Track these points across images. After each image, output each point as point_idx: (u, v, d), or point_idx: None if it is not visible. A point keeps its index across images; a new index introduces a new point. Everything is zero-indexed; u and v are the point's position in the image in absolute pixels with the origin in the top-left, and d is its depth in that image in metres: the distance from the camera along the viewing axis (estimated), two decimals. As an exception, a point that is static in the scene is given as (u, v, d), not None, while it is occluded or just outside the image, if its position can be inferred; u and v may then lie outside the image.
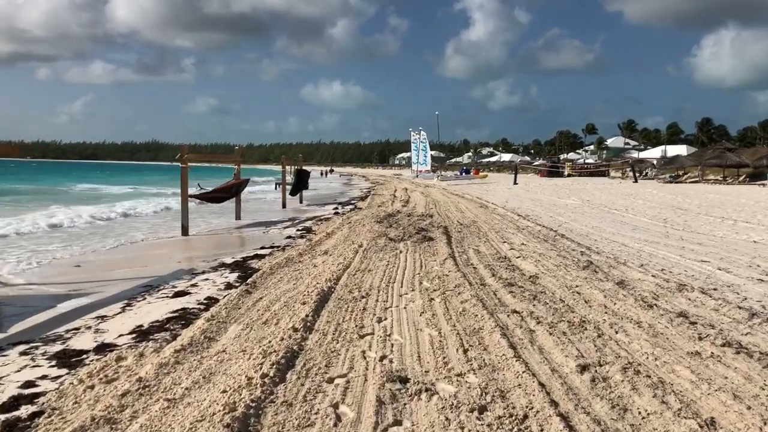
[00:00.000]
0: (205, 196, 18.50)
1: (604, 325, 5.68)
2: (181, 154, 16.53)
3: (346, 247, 10.90)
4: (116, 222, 19.72)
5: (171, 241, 14.96)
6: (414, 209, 21.15)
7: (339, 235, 13.28)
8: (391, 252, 10.33)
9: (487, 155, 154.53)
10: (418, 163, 69.06)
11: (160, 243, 14.71)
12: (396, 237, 12.09)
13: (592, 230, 14.72)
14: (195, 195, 18.16)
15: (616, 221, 16.98)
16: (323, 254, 10.39)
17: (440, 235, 12.56)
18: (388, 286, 7.50)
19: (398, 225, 14.66)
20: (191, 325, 6.03)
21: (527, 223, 16.24)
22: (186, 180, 16.67)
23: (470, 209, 21.42)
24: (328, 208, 26.27)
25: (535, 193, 32.57)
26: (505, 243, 11.98)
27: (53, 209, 22.24)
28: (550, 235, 13.41)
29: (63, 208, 22.49)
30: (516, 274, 8.43)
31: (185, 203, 16.52)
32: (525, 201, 26.25)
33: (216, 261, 10.96)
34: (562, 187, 39.41)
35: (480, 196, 29.76)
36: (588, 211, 20.59)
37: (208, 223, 19.29)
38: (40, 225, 17.15)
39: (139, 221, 20.15)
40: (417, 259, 9.66)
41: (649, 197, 27.81)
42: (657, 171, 60.68)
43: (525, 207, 22.46)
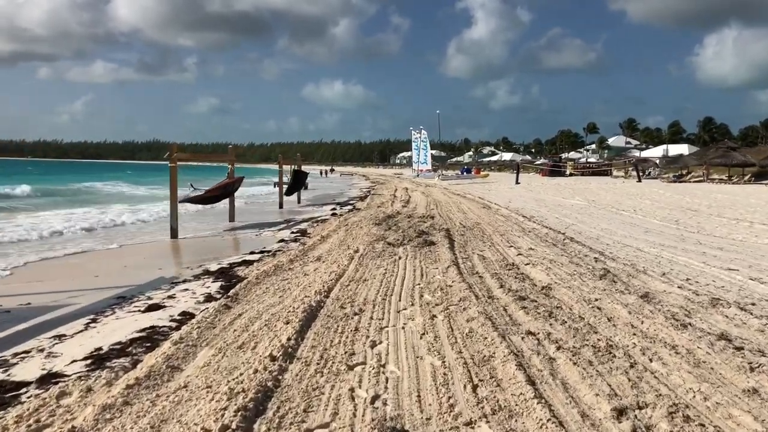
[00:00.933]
0: (196, 198, 17.64)
1: (635, 350, 4.87)
2: (169, 152, 15.72)
3: (341, 253, 10.10)
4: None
5: (158, 245, 14.16)
6: (414, 210, 20.34)
7: (334, 238, 12.48)
8: (390, 258, 9.52)
9: (488, 154, 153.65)
10: (419, 162, 68.30)
11: (146, 246, 13.92)
12: (395, 241, 11.28)
13: (602, 233, 13.92)
14: (185, 199, 17.33)
15: (626, 223, 16.17)
16: (316, 261, 9.59)
17: (442, 239, 11.75)
18: (385, 299, 6.69)
19: (398, 227, 13.85)
20: (156, 348, 5.23)
21: (533, 225, 15.44)
22: (175, 180, 15.87)
23: (473, 210, 20.62)
24: (326, 208, 25.47)
25: (539, 193, 31.75)
26: (511, 248, 11.17)
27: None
28: (559, 239, 12.60)
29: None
30: (526, 284, 7.62)
31: (174, 204, 15.72)
32: (529, 201, 25.44)
33: (200, 268, 10.15)
34: (565, 186, 38.59)
35: (482, 196, 28.96)
36: (595, 212, 19.78)
37: (201, 225, 18.52)
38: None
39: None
40: (417, 266, 8.85)
41: (656, 197, 26.99)
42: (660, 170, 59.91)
43: (529, 207, 21.66)
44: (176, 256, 12.25)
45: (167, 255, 12.41)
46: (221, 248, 13.09)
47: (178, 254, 12.61)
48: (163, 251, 13.02)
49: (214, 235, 15.91)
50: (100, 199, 31.64)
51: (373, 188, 45.29)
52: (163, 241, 14.64)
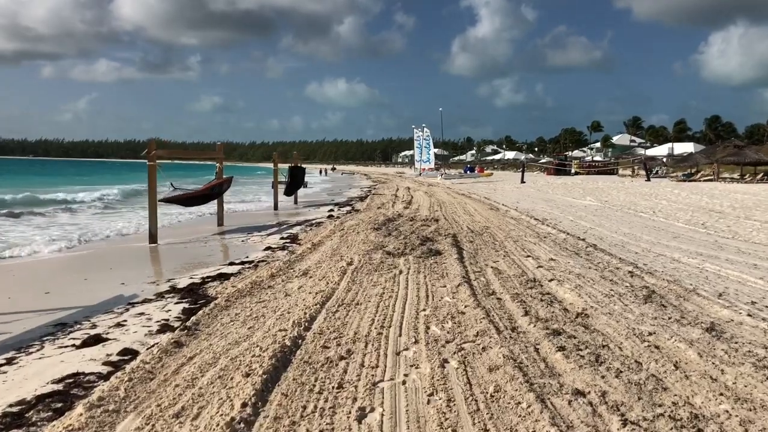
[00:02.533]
0: (178, 198, 16.13)
1: (732, 422, 3.44)
2: (148, 149, 14.29)
3: (332, 265, 8.67)
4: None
5: (131, 252, 12.74)
6: (417, 212, 18.90)
7: (327, 246, 11.05)
8: (389, 272, 8.08)
9: (490, 153, 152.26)
10: (422, 161, 66.91)
11: (118, 252, 12.52)
12: (395, 250, 9.84)
13: (625, 239, 12.49)
14: (166, 198, 15.86)
15: (649, 227, 14.72)
16: (302, 276, 8.15)
17: (449, 247, 10.32)
18: (381, 333, 5.26)
19: (399, 233, 12.41)
20: (65, 415, 3.80)
21: (548, 230, 14.00)
22: (154, 179, 14.44)
23: (480, 212, 19.17)
24: (323, 209, 24.03)
25: (547, 193, 30.28)
26: (528, 257, 9.74)
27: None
28: (580, 246, 11.17)
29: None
30: (556, 309, 6.18)
31: (153, 206, 14.29)
32: (538, 202, 23.98)
33: (168, 283, 8.72)
34: (573, 185, 37.12)
35: (488, 197, 27.53)
36: (611, 213, 18.33)
37: (186, 229, 17.13)
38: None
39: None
40: (421, 283, 7.42)
41: (672, 197, 25.50)
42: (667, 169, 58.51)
43: (540, 209, 20.22)
44: (146, 266, 10.82)
45: (137, 264, 10.98)
46: (200, 257, 11.65)
47: (149, 264, 11.18)
48: (134, 259, 11.60)
49: (197, 240, 14.47)
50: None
51: (374, 188, 43.83)
52: (139, 247, 13.21)
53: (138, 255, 12.17)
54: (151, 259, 11.67)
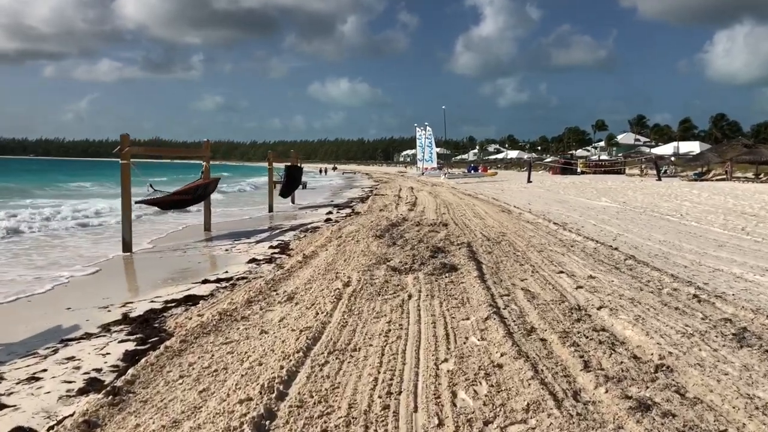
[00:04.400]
0: (159, 201, 14.45)
1: None
2: (121, 144, 12.65)
3: (326, 286, 7.03)
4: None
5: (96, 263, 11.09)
6: (423, 215, 17.26)
7: (321, 258, 9.40)
8: (395, 297, 6.44)
9: (493, 152, 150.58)
10: (424, 160, 65.38)
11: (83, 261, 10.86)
12: (402, 265, 8.20)
13: (664, 248, 10.86)
14: (144, 201, 14.20)
15: (683, 233, 13.08)
16: (286, 301, 6.50)
17: (465, 261, 8.68)
18: (388, 408, 3.61)
19: (404, 241, 10.76)
20: None
21: (571, 236, 12.36)
22: (128, 180, 12.80)
23: (491, 214, 17.53)
24: (321, 212, 22.38)
25: (558, 193, 28.61)
26: (562, 273, 8.11)
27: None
28: (617, 258, 9.54)
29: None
30: (625, 358, 4.54)
31: (127, 210, 12.67)
32: (551, 203, 22.31)
33: (124, 308, 7.08)
34: (583, 185, 35.44)
35: (496, 197, 25.87)
36: (635, 217, 16.68)
37: (169, 234, 15.50)
38: None
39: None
40: (437, 314, 5.78)
41: (692, 198, 23.80)
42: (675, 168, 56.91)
43: (555, 211, 18.56)
44: (107, 283, 9.12)
45: (96, 280, 9.30)
46: (173, 270, 10.01)
47: (111, 279, 9.49)
48: (95, 274, 9.92)
49: (177, 248, 12.83)
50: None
51: (376, 188, 42.17)
52: (108, 257, 11.57)
53: (104, 267, 10.52)
54: (115, 273, 10.00)
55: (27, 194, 31.45)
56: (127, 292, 8.07)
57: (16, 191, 34.05)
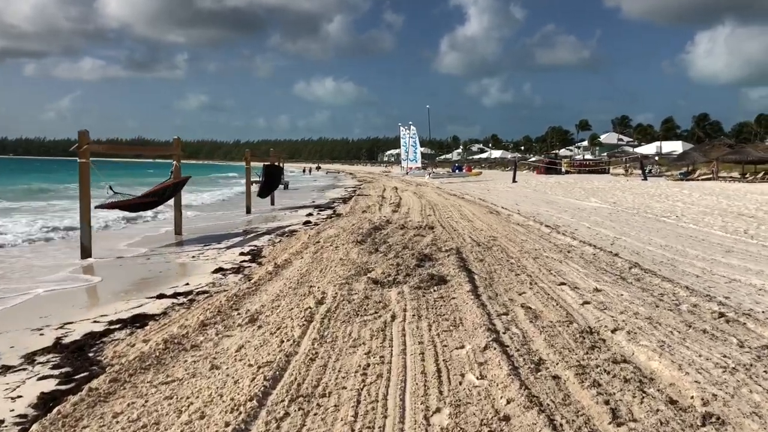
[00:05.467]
0: (122, 204, 13.36)
1: None
2: (78, 142, 11.59)
3: (296, 304, 6.07)
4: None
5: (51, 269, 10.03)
6: (408, 217, 16.34)
7: (294, 268, 8.43)
8: (376, 318, 5.51)
9: (477, 152, 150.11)
10: (408, 159, 64.50)
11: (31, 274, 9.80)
12: (385, 276, 7.26)
13: (668, 253, 10.03)
14: (105, 205, 13.09)
15: (683, 236, 12.27)
16: (247, 324, 5.53)
17: (455, 270, 7.77)
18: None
19: (388, 247, 9.84)
20: None
21: (567, 240, 11.51)
22: (87, 181, 11.75)
23: (479, 216, 16.64)
24: (302, 213, 21.37)
25: (545, 193, 27.82)
26: (563, 285, 7.23)
27: None
28: (620, 266, 8.68)
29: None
30: (659, 402, 3.64)
31: (86, 213, 11.62)
32: (539, 204, 21.47)
33: (60, 330, 6.06)
34: (569, 185, 34.74)
35: (483, 197, 25.02)
36: (629, 218, 15.87)
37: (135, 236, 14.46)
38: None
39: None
40: (426, 341, 4.86)
41: (685, 198, 23.11)
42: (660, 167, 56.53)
43: (544, 212, 17.72)
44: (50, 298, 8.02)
45: (42, 294, 8.24)
46: (130, 281, 9.00)
47: (57, 293, 8.37)
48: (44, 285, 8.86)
49: (141, 254, 11.80)
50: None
51: (360, 187, 41.19)
52: (61, 265, 10.53)
53: (56, 277, 9.46)
54: (65, 284, 8.91)
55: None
56: (70, 309, 7.05)
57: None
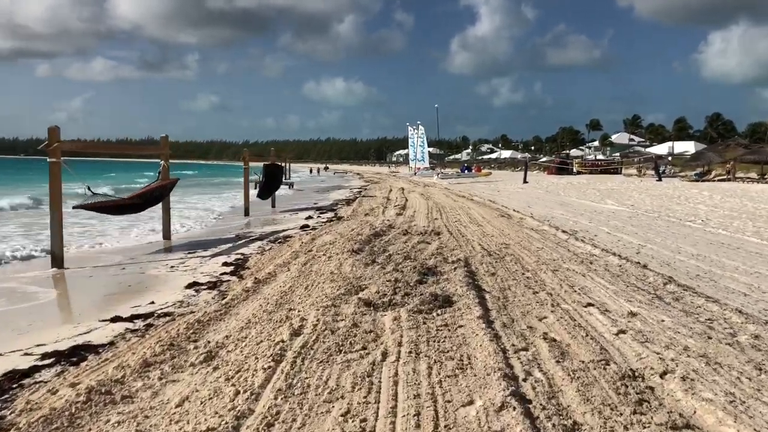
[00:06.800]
0: (103, 205, 12.28)
1: None
2: (49, 140, 10.54)
3: (266, 335, 4.96)
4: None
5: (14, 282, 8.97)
6: (413, 220, 15.22)
7: (277, 284, 7.31)
8: (362, 357, 4.41)
9: (486, 152, 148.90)
10: (416, 159, 63.43)
11: None
12: (379, 296, 6.14)
13: (702, 264, 8.90)
14: (84, 205, 12.04)
15: (714, 243, 11.12)
16: (202, 363, 4.42)
17: (463, 288, 6.64)
18: None
19: (387, 258, 8.72)
20: None
21: (587, 248, 10.37)
22: (57, 182, 10.70)
23: (489, 220, 15.49)
24: (301, 216, 20.26)
25: (557, 195, 26.62)
26: (591, 307, 6.10)
27: None
28: (653, 281, 7.55)
29: None
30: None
31: (57, 218, 10.57)
32: (552, 206, 20.27)
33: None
34: (582, 186, 33.52)
35: (493, 199, 23.84)
36: (651, 223, 14.70)
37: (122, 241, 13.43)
38: None
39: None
40: (424, 393, 3.74)
41: (706, 200, 21.88)
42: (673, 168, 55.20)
43: (559, 216, 16.56)
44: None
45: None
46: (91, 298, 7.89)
47: (7, 312, 7.28)
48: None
49: (118, 263, 10.73)
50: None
51: (366, 188, 40.06)
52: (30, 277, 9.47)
53: (12, 292, 8.38)
54: (18, 301, 7.80)
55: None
56: (7, 333, 5.96)
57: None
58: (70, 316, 6.87)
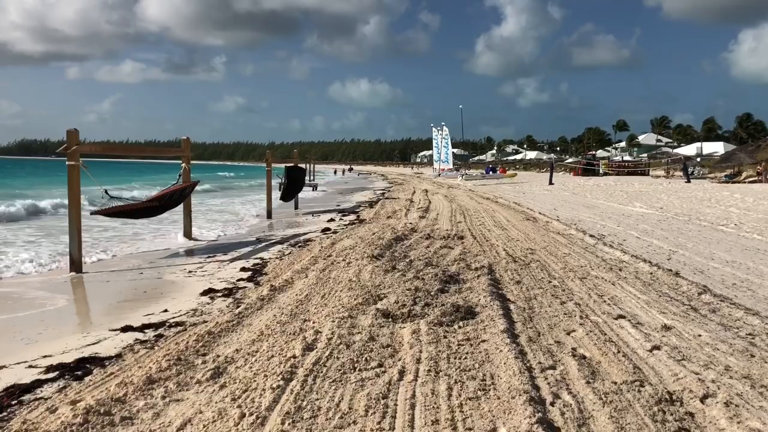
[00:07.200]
0: (121, 210, 12.16)
1: None
2: (68, 142, 10.43)
3: (278, 350, 4.72)
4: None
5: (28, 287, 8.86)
6: (436, 224, 14.93)
7: (293, 292, 7.08)
8: (377, 375, 4.14)
9: (511, 153, 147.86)
10: (440, 161, 63.07)
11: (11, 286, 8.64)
12: (398, 306, 5.87)
13: (738, 272, 8.50)
14: (102, 211, 11.93)
15: (750, 249, 10.67)
16: (209, 380, 4.18)
17: (486, 298, 6.34)
18: None
19: (408, 264, 8.45)
20: None
21: (616, 254, 9.98)
22: (76, 185, 10.59)
23: (514, 224, 15.13)
24: (323, 218, 20.07)
25: (584, 197, 26.08)
26: (622, 319, 5.77)
27: None
28: (686, 291, 7.17)
29: None
30: None
31: (76, 222, 10.47)
32: (579, 208, 19.82)
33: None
34: (609, 187, 32.88)
35: (518, 201, 23.41)
36: (681, 226, 14.21)
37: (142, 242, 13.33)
38: None
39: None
40: (443, 416, 3.46)
41: (738, 203, 21.21)
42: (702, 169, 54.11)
43: (586, 219, 16.13)
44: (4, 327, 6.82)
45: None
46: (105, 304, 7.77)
47: (18, 319, 7.13)
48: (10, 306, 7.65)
49: (136, 267, 10.60)
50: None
51: (389, 190, 39.84)
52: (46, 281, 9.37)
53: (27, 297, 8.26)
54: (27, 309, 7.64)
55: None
56: (15, 343, 5.79)
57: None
58: (80, 324, 6.70)
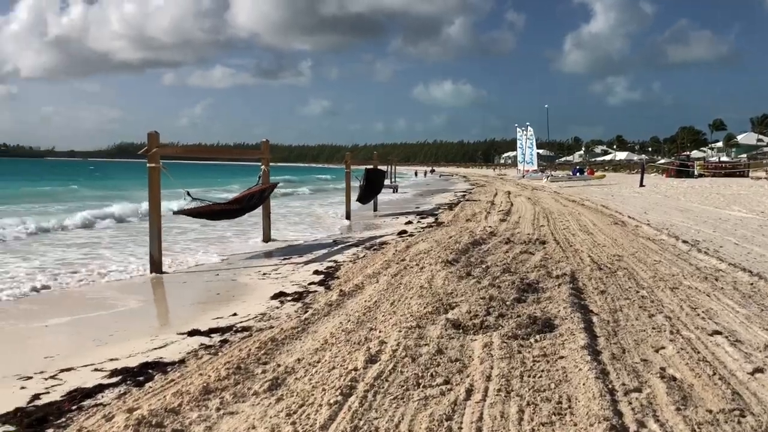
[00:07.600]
0: (202, 211, 12.33)
1: None
2: (149, 144, 10.64)
3: (340, 361, 4.50)
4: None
5: (114, 287, 9.07)
6: (517, 227, 14.43)
7: (362, 298, 6.86)
8: (442, 393, 3.84)
9: (600, 153, 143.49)
10: (525, 162, 61.86)
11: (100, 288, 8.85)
12: (470, 317, 5.54)
13: None
14: (184, 211, 12.16)
15: None
16: (266, 392, 3.99)
17: (568, 309, 5.92)
18: None
19: (484, 270, 8.08)
20: None
21: (711, 262, 9.25)
22: (157, 186, 10.79)
23: (601, 228, 14.43)
24: (401, 220, 19.86)
25: (677, 200, 24.74)
26: (718, 336, 5.24)
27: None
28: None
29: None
30: None
31: (156, 223, 10.67)
32: (671, 212, 18.75)
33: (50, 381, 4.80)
34: (704, 190, 31.12)
35: (606, 204, 22.44)
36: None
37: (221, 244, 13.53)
38: None
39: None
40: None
41: None
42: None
43: (679, 223, 15.18)
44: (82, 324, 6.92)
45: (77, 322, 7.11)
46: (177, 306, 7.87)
47: (96, 318, 7.24)
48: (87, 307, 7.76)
49: (214, 268, 10.72)
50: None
51: (470, 192, 39.28)
52: (127, 279, 9.59)
53: (107, 297, 8.42)
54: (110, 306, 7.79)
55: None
56: (86, 343, 5.85)
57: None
58: (150, 327, 6.71)
